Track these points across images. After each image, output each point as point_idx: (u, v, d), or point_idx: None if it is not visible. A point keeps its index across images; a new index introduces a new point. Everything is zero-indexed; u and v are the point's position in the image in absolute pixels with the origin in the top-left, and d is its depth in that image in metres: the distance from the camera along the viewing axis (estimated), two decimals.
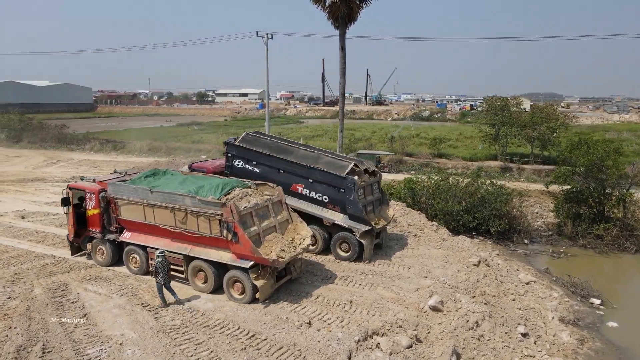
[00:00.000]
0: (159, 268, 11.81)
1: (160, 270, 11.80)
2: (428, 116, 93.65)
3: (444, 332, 11.50)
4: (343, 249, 15.56)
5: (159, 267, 11.80)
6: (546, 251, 21.18)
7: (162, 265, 11.86)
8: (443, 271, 14.73)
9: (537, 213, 25.39)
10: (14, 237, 17.44)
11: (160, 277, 11.82)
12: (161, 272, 11.81)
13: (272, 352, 10.08)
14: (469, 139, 52.42)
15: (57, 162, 38.11)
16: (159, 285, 11.91)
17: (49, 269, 14.31)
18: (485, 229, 21.51)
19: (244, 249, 11.74)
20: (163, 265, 11.88)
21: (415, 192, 23.12)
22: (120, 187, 13.60)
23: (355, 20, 25.15)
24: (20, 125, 55.27)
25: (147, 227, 13.35)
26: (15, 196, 24.68)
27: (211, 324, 11.19)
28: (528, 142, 40.49)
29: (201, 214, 12.14)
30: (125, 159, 40.01)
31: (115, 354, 9.84)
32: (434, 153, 42.52)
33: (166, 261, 12.07)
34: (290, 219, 13.68)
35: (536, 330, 12.91)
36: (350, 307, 12.20)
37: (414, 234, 18.54)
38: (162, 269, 11.84)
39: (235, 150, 16.82)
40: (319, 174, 15.53)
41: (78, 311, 11.64)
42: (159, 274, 11.81)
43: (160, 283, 11.89)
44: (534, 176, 34.97)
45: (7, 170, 33.50)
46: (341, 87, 26.73)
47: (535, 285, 16.08)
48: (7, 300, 12.10)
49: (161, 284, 11.89)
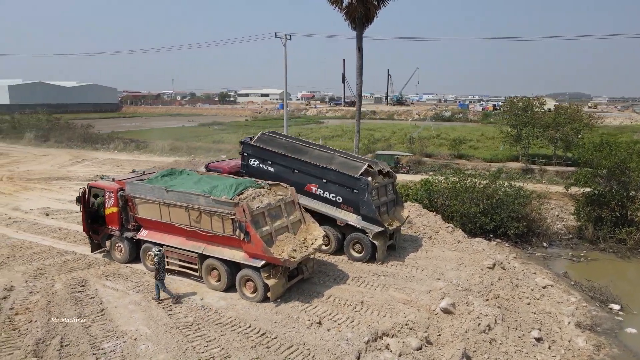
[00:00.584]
0: (160, 265, 12.16)
1: (160, 268, 12.15)
2: (449, 116, 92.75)
3: (454, 334, 11.43)
4: (356, 250, 15.59)
5: (160, 265, 12.15)
6: (565, 255, 20.77)
7: (161, 262, 12.19)
8: (456, 273, 14.62)
9: (558, 216, 24.91)
10: (38, 233, 18.03)
11: (161, 274, 12.17)
12: (162, 269, 12.17)
13: (282, 351, 10.20)
14: (490, 140, 51.73)
15: (82, 161, 39.12)
16: (160, 282, 12.25)
17: (70, 265, 14.76)
18: (503, 231, 21.22)
19: (256, 249, 11.90)
20: (161, 262, 12.21)
21: (431, 194, 22.95)
22: (138, 186, 13.94)
23: (372, 21, 25.12)
24: (48, 125, 56.97)
25: (163, 225, 13.65)
26: (40, 194, 25.47)
27: (223, 321, 11.38)
28: (551, 143, 39.75)
29: (215, 213, 12.35)
30: (147, 159, 40.82)
31: (130, 349, 10.10)
32: (453, 154, 42.11)
33: (164, 258, 12.46)
34: (302, 219, 13.78)
35: (551, 335, 12.70)
36: (361, 307, 12.24)
37: (428, 236, 18.43)
38: (162, 266, 12.21)
39: (251, 150, 17.03)
40: (332, 174, 15.61)
41: (96, 306, 11.99)
42: (160, 271, 12.14)
43: (161, 280, 12.23)
44: (556, 178, 34.31)
45: (34, 169, 34.56)
46: (358, 88, 26.74)
47: (552, 290, 15.82)
48: (29, 295, 12.54)
49: (161, 281, 12.24)
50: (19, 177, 30.76)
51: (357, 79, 26.02)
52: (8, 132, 57.73)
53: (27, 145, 50.27)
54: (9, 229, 18.49)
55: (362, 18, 24.59)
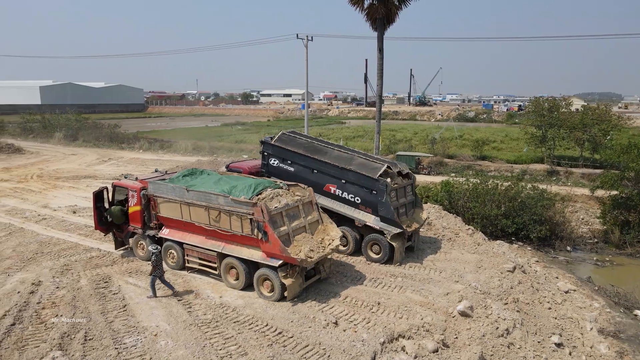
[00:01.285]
0: (157, 262, 12.54)
1: (158, 265, 12.55)
2: (473, 117, 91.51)
3: (472, 337, 11.34)
4: (374, 251, 15.60)
5: (157, 262, 12.54)
6: (590, 259, 20.32)
7: (158, 259, 12.59)
8: (475, 276, 14.48)
9: (583, 219, 24.35)
10: (65, 230, 18.61)
11: (158, 271, 12.57)
12: (159, 266, 12.58)
13: (298, 350, 10.30)
14: (514, 141, 50.87)
15: (108, 160, 40.10)
16: (154, 278, 12.62)
17: (95, 262, 15.21)
18: (525, 234, 20.90)
19: (274, 248, 12.04)
20: (159, 259, 12.61)
21: (452, 195, 22.76)
22: (160, 185, 14.27)
23: (393, 22, 25.02)
24: (76, 124, 58.56)
25: (184, 224, 13.94)
26: (68, 192, 26.26)
27: (241, 319, 11.55)
28: (577, 144, 38.85)
29: (233, 212, 12.55)
30: (170, 158, 41.56)
31: (150, 344, 10.36)
32: (476, 155, 41.59)
33: (160, 256, 12.84)
34: (320, 220, 13.87)
35: (572, 341, 12.49)
36: (377, 308, 12.25)
37: (448, 238, 18.30)
38: (159, 263, 12.60)
39: (271, 149, 17.22)
40: (351, 175, 15.65)
41: (118, 302, 12.33)
42: (157, 268, 12.54)
43: (156, 276, 12.60)
44: (582, 180, 33.58)
45: (63, 168, 35.62)
46: (379, 89, 26.70)
47: (574, 295, 15.53)
48: (56, 290, 12.98)
49: (156, 277, 12.62)
50: (49, 175, 31.77)
51: (378, 80, 25.99)
52: (39, 131, 59.55)
53: (56, 145, 51.79)
54: (38, 226, 19.15)
55: (383, 19, 24.53)
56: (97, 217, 15.71)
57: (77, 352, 9.99)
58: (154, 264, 12.52)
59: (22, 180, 29.84)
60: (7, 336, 10.50)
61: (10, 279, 13.64)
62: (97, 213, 15.68)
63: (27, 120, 64.42)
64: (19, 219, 20.23)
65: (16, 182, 29.10)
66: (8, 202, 23.34)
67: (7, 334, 10.56)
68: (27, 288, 12.90)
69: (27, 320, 11.28)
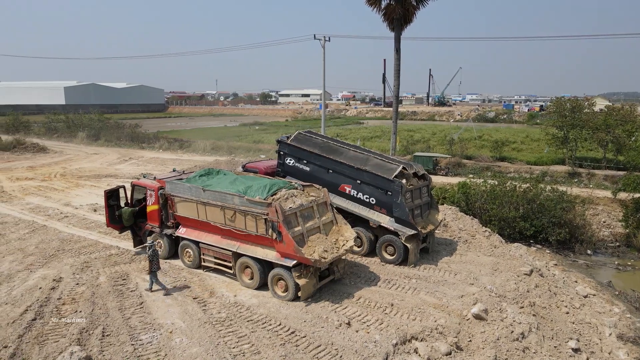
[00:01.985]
0: (153, 256, 12.89)
1: (154, 259, 12.90)
2: (493, 117, 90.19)
3: (486, 341, 11.23)
4: (388, 252, 15.57)
5: (153, 255, 12.88)
6: (611, 263, 19.89)
7: (154, 253, 12.96)
8: (491, 279, 14.33)
9: (604, 222, 23.85)
10: (86, 228, 19.05)
11: (155, 265, 12.93)
12: (155, 262, 12.93)
13: (310, 350, 10.36)
14: (535, 142, 50.00)
15: (129, 159, 40.83)
16: (154, 274, 12.97)
17: (114, 259, 15.53)
18: (544, 237, 20.58)
19: (288, 248, 12.13)
20: (155, 253, 12.97)
21: (469, 197, 22.53)
22: (177, 185, 14.50)
23: (411, 22, 24.88)
24: (99, 124, 59.78)
25: (200, 223, 14.14)
26: (90, 190, 26.85)
27: (254, 318, 11.67)
28: (600, 146, 38.03)
29: (248, 212, 12.69)
30: (189, 158, 42.11)
31: (165, 341, 10.56)
32: (495, 156, 41.03)
33: (156, 251, 13.18)
34: (334, 221, 13.90)
35: (590, 347, 12.27)
36: (390, 310, 12.23)
37: (464, 240, 18.12)
38: (155, 259, 12.94)
39: (287, 149, 17.33)
40: (366, 175, 15.65)
41: (136, 299, 12.58)
42: (154, 264, 12.90)
43: (155, 272, 12.95)
44: (605, 182, 32.84)
45: (85, 167, 36.43)
46: (395, 89, 26.59)
47: (593, 299, 15.24)
48: (76, 286, 13.31)
49: (154, 273, 12.96)
50: (71, 174, 32.53)
51: (395, 80, 25.91)
52: (63, 131, 61.00)
53: (79, 144, 52.99)
54: (60, 224, 19.65)
55: (401, 19, 24.43)
56: (109, 215, 16.08)
57: (94, 347, 10.24)
58: (150, 258, 12.86)
59: (46, 178, 30.63)
60: (28, 331, 10.82)
61: (33, 275, 14.03)
62: (109, 211, 16.06)
63: (52, 120, 66.07)
64: (42, 216, 20.78)
65: (40, 180, 29.88)
66: (32, 200, 23.99)
67: (28, 329, 10.88)
68: (48, 284, 13.26)
69: (48, 315, 11.60)
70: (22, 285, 13.28)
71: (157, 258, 13.12)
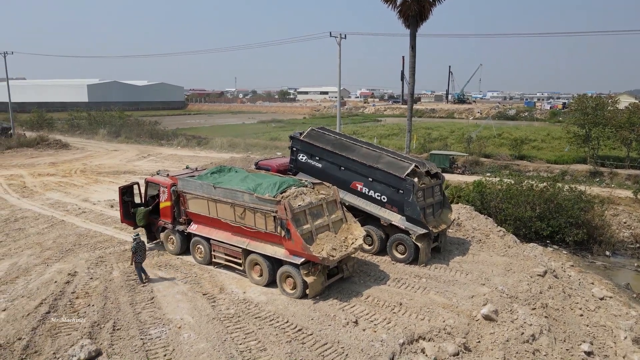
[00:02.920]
0: (136, 250, 13.25)
1: (138, 251, 13.28)
2: (514, 115, 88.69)
3: (495, 342, 11.08)
4: (399, 251, 15.47)
5: (136, 249, 13.25)
6: (630, 265, 19.40)
7: (139, 246, 13.31)
8: (503, 279, 14.11)
9: (625, 223, 23.23)
10: (103, 224, 19.43)
11: (139, 257, 13.33)
12: (139, 252, 13.31)
13: (316, 347, 10.38)
14: (556, 141, 49.02)
15: (147, 156, 41.48)
16: (138, 264, 13.38)
17: (127, 255, 15.70)
18: (561, 237, 20.16)
19: (296, 246, 12.16)
20: (139, 246, 13.31)
21: (484, 196, 22.21)
22: (189, 182, 14.67)
23: (427, 19, 24.55)
24: (119, 121, 60.91)
25: (211, 220, 14.28)
26: (108, 187, 27.37)
27: (262, 315, 11.74)
28: (624, 144, 37.07)
29: (258, 210, 12.76)
30: (206, 154, 42.56)
31: (174, 336, 10.71)
32: (514, 155, 40.37)
33: (142, 243, 13.52)
34: (344, 219, 13.88)
35: (604, 350, 11.99)
36: (399, 309, 12.16)
37: (477, 239, 17.88)
38: (141, 250, 13.34)
39: (299, 145, 17.37)
40: (378, 173, 15.57)
41: (147, 294, 12.78)
42: (138, 255, 13.29)
43: (139, 262, 13.35)
44: (628, 182, 32.02)
45: (105, 163, 37.16)
46: (410, 87, 26.34)
47: (610, 302, 14.87)
48: (90, 281, 13.59)
49: (140, 263, 13.37)
50: (91, 170, 33.22)
51: (410, 77, 25.65)
52: (85, 128, 62.37)
53: (100, 141, 54.09)
54: (78, 219, 20.08)
55: (416, 16, 24.16)
56: (124, 211, 16.38)
57: (105, 341, 10.45)
58: (133, 250, 13.28)
59: (67, 174, 31.34)
60: (42, 324, 11.09)
61: (49, 269, 14.38)
62: (124, 207, 16.36)
63: (74, 117, 67.59)
64: (61, 211, 21.27)
65: (61, 176, 30.60)
66: (52, 196, 24.58)
67: (42, 322, 11.16)
68: (63, 278, 13.57)
69: (62, 309, 11.88)
70: (39, 279, 13.62)
71: (142, 250, 13.50)
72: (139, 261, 13.42)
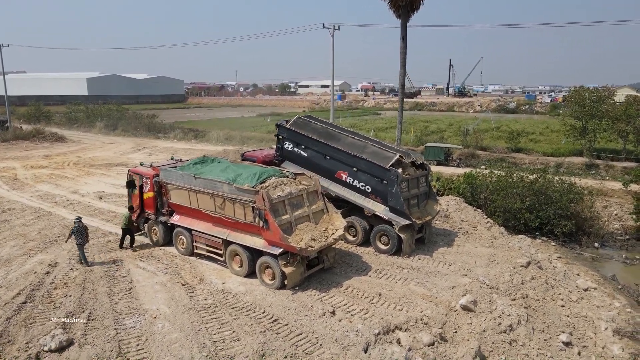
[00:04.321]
0: (74, 232, 13.78)
1: (75, 235, 13.79)
2: (514, 108, 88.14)
3: (472, 332, 11.02)
4: (382, 242, 15.39)
5: (75, 232, 13.77)
6: (618, 257, 19.28)
7: (79, 230, 13.81)
8: (485, 270, 14.03)
9: (616, 215, 23.10)
10: (89, 215, 19.40)
11: (78, 240, 13.83)
12: (77, 236, 13.81)
13: (290, 337, 10.34)
14: (554, 133, 48.64)
15: (143, 149, 41.43)
16: (79, 246, 13.90)
17: (110, 246, 15.79)
18: (550, 229, 20.04)
19: (274, 236, 12.09)
20: (80, 230, 13.83)
21: (474, 188, 22.09)
22: (170, 172, 14.60)
23: (418, 9, 24.32)
24: (117, 115, 60.81)
25: (192, 211, 14.22)
26: (99, 179, 27.34)
27: (239, 306, 11.70)
28: (620, 136, 36.76)
29: (237, 200, 12.68)
30: (202, 147, 42.40)
31: (148, 326, 10.68)
32: (510, 147, 40.11)
33: (83, 226, 14.02)
34: (325, 209, 13.79)
35: (583, 341, 11.94)
36: (377, 300, 12.10)
37: (464, 231, 17.79)
38: (79, 233, 13.81)
39: (285, 133, 17.28)
40: (363, 163, 15.46)
41: (125, 285, 12.76)
42: (77, 237, 13.80)
43: (80, 244, 13.88)
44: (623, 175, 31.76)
45: (99, 156, 37.11)
46: (401, 78, 26.15)
47: (594, 293, 14.81)
48: (70, 271, 13.57)
49: (81, 245, 13.91)
50: (84, 162, 33.19)
51: (401, 68, 25.41)
52: (82, 121, 62.29)
53: (97, 134, 54.02)
54: (65, 210, 20.06)
55: (407, 6, 23.92)
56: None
57: (78, 330, 10.43)
58: (71, 232, 13.79)
59: (59, 167, 31.32)
60: (17, 313, 11.07)
61: (31, 260, 14.36)
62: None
63: (72, 110, 67.50)
64: (49, 203, 21.25)
65: (53, 168, 30.58)
66: (42, 188, 24.56)
67: (18, 312, 11.14)
68: (43, 269, 13.55)
69: (39, 299, 11.86)
70: (19, 270, 13.60)
71: (81, 233, 13.88)
72: (80, 243, 13.88)
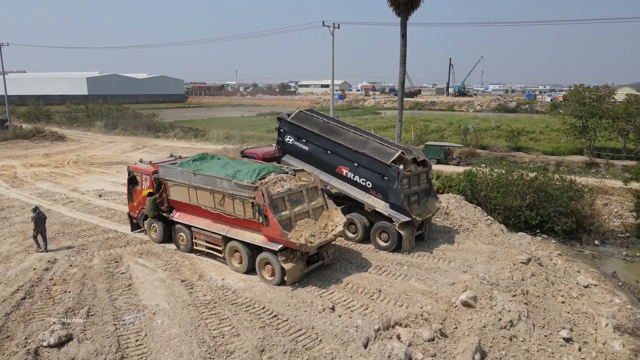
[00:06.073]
0: (35, 219, 14.41)
1: (38, 222, 14.45)
2: (514, 108, 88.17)
3: (472, 328, 10.99)
4: (382, 239, 15.35)
5: (35, 219, 14.40)
6: (619, 254, 19.25)
7: (38, 218, 14.44)
8: (485, 267, 14.00)
9: (616, 212, 23.06)
10: (88, 212, 19.37)
11: (39, 227, 14.49)
12: (39, 223, 14.49)
13: (290, 333, 10.30)
14: (554, 132, 48.63)
15: (142, 147, 41.37)
16: (34, 234, 14.57)
17: (110, 243, 15.74)
18: (550, 227, 20.00)
19: (274, 232, 12.05)
20: (39, 218, 14.45)
21: (474, 185, 22.05)
22: (169, 169, 14.56)
23: (418, 7, 24.28)
24: (117, 114, 60.81)
25: (192, 207, 14.19)
26: (98, 177, 27.31)
27: (239, 302, 11.66)
28: (620, 135, 36.72)
29: (237, 196, 12.65)
30: (202, 146, 42.33)
31: (147, 322, 10.64)
32: (510, 146, 40.08)
33: (41, 215, 14.62)
34: (325, 206, 13.75)
35: (583, 337, 11.90)
36: (378, 296, 12.06)
37: (465, 228, 17.75)
38: (38, 221, 14.43)
39: (287, 127, 17.20)
40: (364, 159, 15.39)
41: (125, 281, 12.71)
42: (37, 225, 14.45)
43: (35, 233, 14.53)
44: (623, 173, 31.72)
45: (98, 154, 37.07)
46: (401, 76, 26.08)
47: (594, 289, 14.78)
48: (69, 268, 13.52)
49: (36, 234, 14.54)
50: (84, 161, 33.15)
51: (400, 66, 25.36)
52: (82, 120, 62.26)
53: (97, 133, 53.97)
54: (64, 208, 20.03)
55: (407, 4, 23.88)
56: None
57: (77, 326, 10.38)
58: (34, 220, 14.39)
59: (59, 165, 31.28)
60: (16, 309, 11.03)
61: (30, 257, 14.31)
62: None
63: (72, 109, 67.47)
64: (48, 201, 21.22)
65: (53, 167, 30.53)
66: (42, 186, 24.53)
67: (17, 307, 11.10)
68: (42, 265, 13.49)
69: (38, 295, 11.82)
70: (18, 266, 13.54)
71: (41, 221, 14.52)
72: (41, 231, 14.51)
